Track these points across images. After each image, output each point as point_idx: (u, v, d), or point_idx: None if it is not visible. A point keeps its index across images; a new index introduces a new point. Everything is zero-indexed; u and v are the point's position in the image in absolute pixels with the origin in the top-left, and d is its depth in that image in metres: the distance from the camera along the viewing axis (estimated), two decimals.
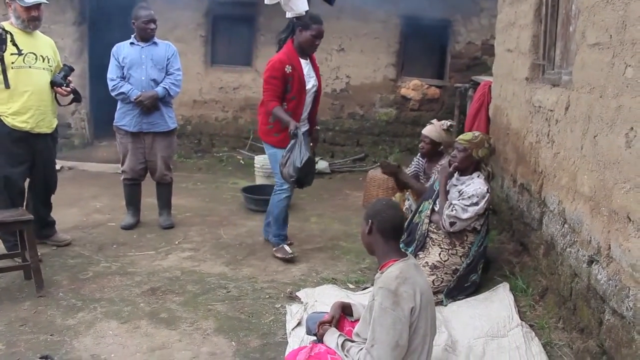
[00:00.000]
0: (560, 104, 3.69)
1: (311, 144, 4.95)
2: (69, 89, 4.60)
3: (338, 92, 8.95)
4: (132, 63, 5.23)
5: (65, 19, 8.77)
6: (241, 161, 8.71)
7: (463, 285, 3.95)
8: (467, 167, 4.11)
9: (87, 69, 9.07)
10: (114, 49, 5.31)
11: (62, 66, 4.69)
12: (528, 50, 4.61)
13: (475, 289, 4.01)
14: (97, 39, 9.00)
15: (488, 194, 3.95)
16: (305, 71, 4.66)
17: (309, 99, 4.77)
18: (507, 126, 5.04)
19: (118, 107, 5.37)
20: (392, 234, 2.66)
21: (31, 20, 4.42)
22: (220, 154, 9.01)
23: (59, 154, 8.50)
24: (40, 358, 2.93)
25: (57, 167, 7.75)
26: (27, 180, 4.69)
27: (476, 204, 3.89)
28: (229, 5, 8.85)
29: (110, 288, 4.12)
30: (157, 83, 5.27)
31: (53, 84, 4.55)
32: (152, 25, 5.24)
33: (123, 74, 5.25)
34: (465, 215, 3.91)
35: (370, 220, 2.67)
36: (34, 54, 4.44)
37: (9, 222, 4.07)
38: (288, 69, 4.53)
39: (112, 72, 5.27)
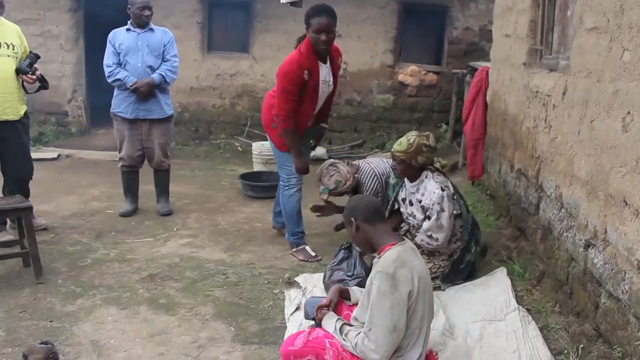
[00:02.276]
0: (557, 89, 3.69)
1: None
2: (34, 76, 4.57)
3: None
4: (128, 49, 5.21)
5: (60, 5, 8.72)
6: (239, 148, 8.70)
7: (458, 267, 3.95)
8: (409, 176, 4.01)
9: (83, 56, 9.05)
10: (110, 35, 5.28)
11: (28, 53, 4.66)
12: (526, 35, 4.59)
13: (471, 270, 4.03)
14: (93, 25, 8.95)
15: (444, 191, 3.82)
16: (322, 76, 4.31)
17: (320, 101, 4.46)
18: (505, 111, 5.04)
19: (115, 94, 5.36)
20: (376, 217, 2.68)
21: None
22: (217, 141, 9.00)
23: (56, 141, 8.59)
24: (40, 344, 2.93)
25: (55, 154, 7.86)
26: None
27: (442, 209, 3.81)
28: None
29: (109, 275, 4.13)
30: (153, 70, 5.25)
31: (18, 71, 4.53)
32: (147, 12, 5.21)
33: (119, 60, 5.23)
34: (441, 234, 3.84)
35: (352, 218, 2.69)
36: None
37: (7, 210, 4.07)
38: (306, 75, 4.15)
39: (108, 59, 5.24)
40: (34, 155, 7.53)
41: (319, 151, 8.05)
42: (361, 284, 3.27)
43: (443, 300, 3.67)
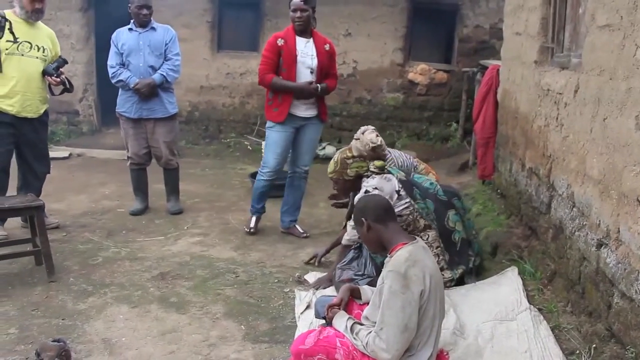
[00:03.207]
0: (569, 87, 3.66)
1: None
2: (58, 79, 4.69)
3: (345, 77, 8.90)
4: (130, 49, 5.23)
5: (71, 5, 8.78)
6: (249, 147, 8.71)
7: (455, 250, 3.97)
8: (351, 189, 4.00)
9: (94, 55, 9.09)
10: (114, 35, 5.32)
11: (58, 57, 4.82)
12: (537, 33, 4.57)
13: (476, 254, 4.07)
14: (104, 25, 8.99)
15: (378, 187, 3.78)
16: (300, 47, 4.71)
17: (303, 76, 4.72)
18: (516, 110, 5.01)
19: (119, 94, 5.40)
20: (387, 216, 2.69)
21: (34, 12, 4.58)
22: (227, 139, 9.02)
23: (67, 140, 8.65)
24: (53, 342, 2.96)
25: (66, 153, 7.92)
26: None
27: None
28: None
29: (120, 273, 4.15)
30: (155, 69, 5.26)
31: (44, 72, 4.69)
32: (145, 11, 5.21)
33: (122, 60, 5.26)
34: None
35: (362, 219, 2.69)
36: (29, 42, 4.59)
37: (20, 208, 4.10)
38: (280, 42, 4.69)
39: (111, 59, 5.28)
40: None
41: (328, 150, 8.05)
42: (372, 284, 3.26)
43: (453, 299, 3.65)
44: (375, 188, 3.76)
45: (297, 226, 5.09)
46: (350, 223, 3.85)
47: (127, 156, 5.53)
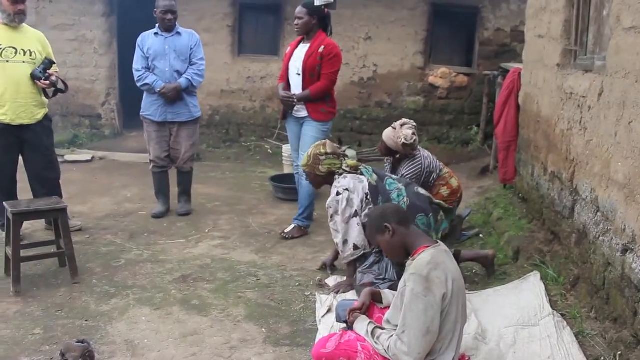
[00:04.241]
0: (593, 90, 3.62)
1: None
2: (47, 82, 4.62)
3: (365, 81, 8.90)
4: (156, 54, 5.29)
5: (94, 10, 8.89)
6: (269, 150, 8.74)
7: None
8: (323, 183, 4.07)
9: (116, 60, 9.20)
10: (139, 39, 5.38)
11: (44, 59, 4.73)
12: (560, 36, 4.52)
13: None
14: (126, 30, 9.11)
15: (339, 195, 3.79)
16: (297, 52, 4.96)
17: (292, 81, 5.01)
18: (538, 113, 4.97)
19: (144, 97, 5.47)
20: (407, 219, 2.73)
21: (17, 14, 4.50)
22: (248, 143, 9.05)
23: (90, 143, 8.75)
24: (77, 342, 2.99)
25: (89, 157, 8.01)
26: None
27: (336, 212, 3.80)
28: None
29: (143, 275, 4.19)
30: (180, 74, 5.33)
31: (32, 77, 4.60)
32: (169, 16, 5.27)
33: (148, 64, 5.32)
34: (336, 239, 3.85)
35: (385, 225, 2.67)
36: (14, 48, 4.53)
37: (44, 211, 4.16)
38: (288, 48, 5.12)
39: (137, 63, 5.35)
40: (69, 157, 7.83)
41: (349, 153, 8.03)
42: (393, 288, 3.25)
43: (475, 304, 3.63)
44: (347, 189, 3.79)
45: (294, 224, 5.13)
46: (337, 242, 3.85)
47: (150, 159, 5.59)
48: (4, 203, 4.21)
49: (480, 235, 5.03)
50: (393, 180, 4.01)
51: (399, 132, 4.53)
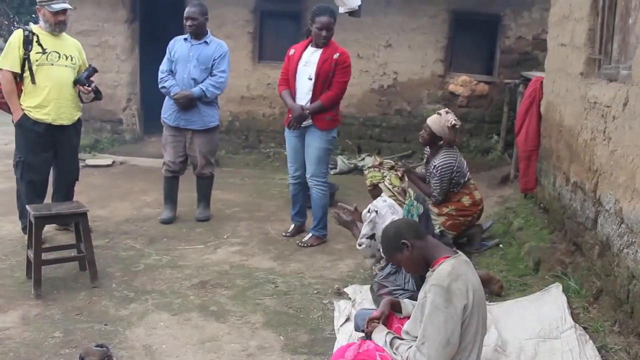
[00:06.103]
0: (618, 100, 3.57)
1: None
2: (89, 88, 4.88)
3: (385, 88, 8.88)
4: (179, 59, 5.34)
5: (117, 17, 9.00)
6: None
7: None
8: (374, 197, 4.09)
9: (138, 66, 9.29)
10: (171, 42, 5.49)
11: (87, 66, 5.01)
12: (583, 44, 4.47)
13: None
14: (148, 36, 9.21)
15: (371, 214, 3.85)
16: (305, 56, 4.87)
17: (300, 85, 4.90)
18: (560, 123, 4.91)
19: (165, 100, 5.52)
20: (420, 232, 2.69)
21: (57, 24, 4.81)
22: (267, 149, 9.07)
23: (110, 148, 8.84)
24: (96, 346, 3.01)
25: (109, 161, 8.09)
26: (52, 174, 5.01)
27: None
28: (276, 1, 8.91)
29: (161, 280, 4.21)
30: (196, 82, 5.32)
31: (76, 82, 4.88)
32: (189, 22, 5.30)
33: (172, 68, 5.37)
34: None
35: (402, 242, 2.63)
36: (57, 52, 4.80)
37: (66, 215, 4.20)
38: (292, 52, 4.98)
39: (163, 65, 5.46)
40: (90, 161, 7.91)
41: (368, 161, 8.02)
42: (412, 299, 3.22)
43: (495, 315, 3.58)
44: (376, 211, 3.80)
45: (311, 234, 5.14)
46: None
47: (163, 162, 5.62)
48: (26, 206, 4.26)
49: (500, 245, 4.97)
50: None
51: (444, 117, 4.62)
